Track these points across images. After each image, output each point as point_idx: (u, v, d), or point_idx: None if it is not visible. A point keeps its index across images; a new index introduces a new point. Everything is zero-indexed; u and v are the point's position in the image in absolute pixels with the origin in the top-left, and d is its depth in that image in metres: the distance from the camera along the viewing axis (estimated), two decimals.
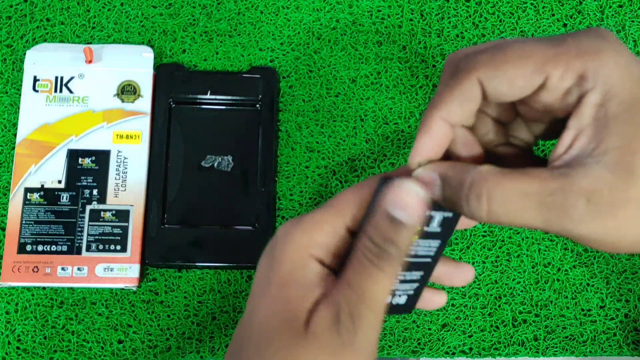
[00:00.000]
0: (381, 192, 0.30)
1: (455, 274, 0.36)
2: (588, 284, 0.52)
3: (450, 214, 0.34)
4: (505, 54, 0.29)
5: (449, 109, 0.30)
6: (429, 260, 0.35)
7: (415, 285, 0.35)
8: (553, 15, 0.55)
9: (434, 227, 0.33)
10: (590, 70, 0.28)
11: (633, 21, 0.55)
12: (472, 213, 0.29)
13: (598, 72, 0.27)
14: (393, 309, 0.35)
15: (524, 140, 0.34)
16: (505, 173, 0.28)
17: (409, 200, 0.29)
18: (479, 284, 0.51)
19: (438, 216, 0.33)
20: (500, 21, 0.55)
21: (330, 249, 0.31)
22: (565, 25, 0.55)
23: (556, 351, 0.50)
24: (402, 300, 0.35)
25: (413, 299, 0.36)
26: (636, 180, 0.27)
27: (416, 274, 0.35)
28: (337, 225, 0.31)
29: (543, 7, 0.55)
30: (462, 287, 0.51)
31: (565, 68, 0.28)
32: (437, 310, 0.51)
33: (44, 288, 0.50)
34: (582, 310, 0.51)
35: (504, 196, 0.28)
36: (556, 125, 0.30)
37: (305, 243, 0.31)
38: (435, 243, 0.34)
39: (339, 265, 0.31)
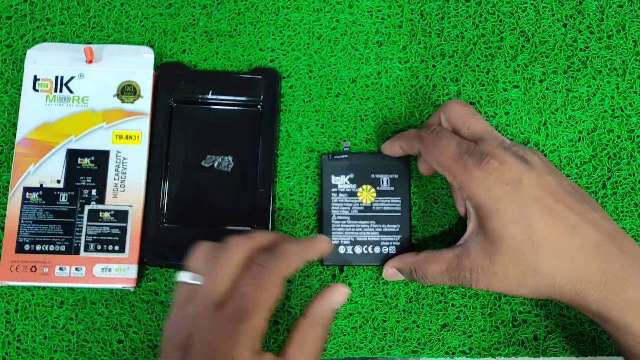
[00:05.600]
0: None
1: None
2: None
3: (395, 175, 0.50)
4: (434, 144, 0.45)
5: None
6: (398, 214, 0.50)
7: (398, 237, 0.50)
8: (553, 15, 0.55)
9: (385, 186, 0.50)
10: (463, 185, 0.42)
11: (633, 21, 0.55)
12: (423, 283, 0.46)
13: (468, 189, 0.42)
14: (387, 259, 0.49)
15: None
16: (429, 258, 0.45)
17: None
18: None
19: (385, 178, 0.50)
20: (500, 21, 0.55)
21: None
22: (565, 25, 0.55)
23: (556, 351, 0.50)
24: (392, 250, 0.49)
25: (403, 248, 0.50)
26: (495, 263, 0.41)
27: (393, 227, 0.50)
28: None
29: (543, 7, 0.55)
30: (462, 288, 0.51)
31: (452, 178, 0.43)
32: (437, 310, 0.50)
33: (43, 288, 0.50)
34: None
35: (432, 274, 0.45)
36: None
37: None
38: (395, 199, 0.50)
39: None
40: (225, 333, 0.37)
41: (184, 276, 0.41)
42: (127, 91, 0.51)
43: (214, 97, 0.52)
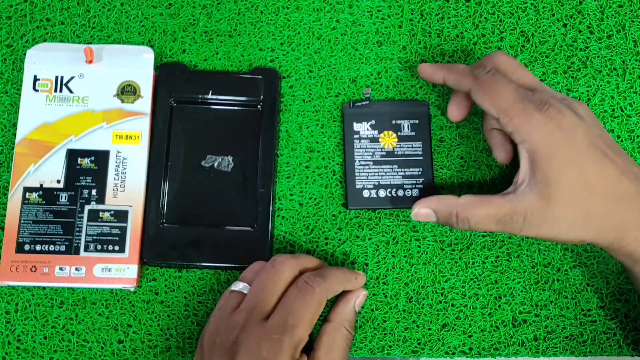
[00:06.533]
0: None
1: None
2: (588, 284, 0.51)
3: (416, 120, 0.52)
4: (490, 87, 0.45)
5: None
6: (420, 157, 0.51)
7: (421, 180, 0.51)
8: (553, 15, 0.55)
9: (406, 131, 0.52)
10: (521, 128, 0.43)
11: (633, 21, 0.55)
12: (462, 228, 0.46)
13: (526, 132, 0.43)
14: (414, 202, 0.48)
15: None
16: (476, 203, 0.45)
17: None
18: (479, 284, 0.51)
19: (405, 123, 0.52)
20: (500, 21, 0.55)
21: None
22: (565, 25, 0.55)
23: (556, 351, 0.50)
24: (415, 193, 0.51)
25: (426, 191, 0.51)
26: (550, 206, 0.42)
27: (415, 170, 0.51)
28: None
29: (543, 7, 0.55)
30: (462, 288, 0.51)
31: (508, 120, 0.44)
32: (437, 310, 0.50)
33: (44, 288, 0.50)
34: (582, 310, 0.51)
35: (477, 218, 0.45)
36: None
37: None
38: (417, 144, 0.51)
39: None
40: (272, 342, 0.41)
41: (236, 285, 0.45)
42: (127, 91, 0.51)
43: (214, 97, 0.52)
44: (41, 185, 0.49)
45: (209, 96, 0.52)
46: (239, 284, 0.46)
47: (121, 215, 0.49)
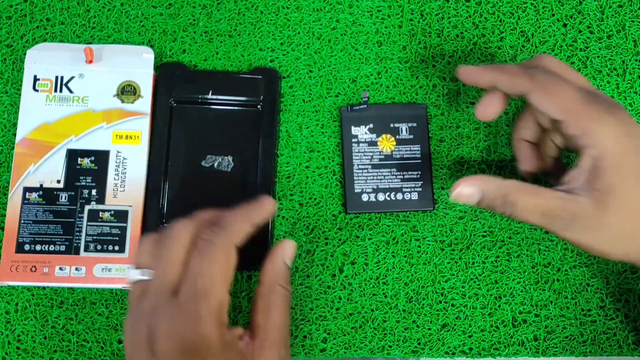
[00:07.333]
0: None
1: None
2: (588, 284, 0.51)
3: (414, 124, 0.52)
4: (553, 86, 0.41)
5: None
6: (418, 161, 0.51)
7: (420, 182, 0.51)
8: (553, 15, 0.55)
9: (405, 135, 0.51)
10: (590, 131, 0.39)
11: (633, 21, 0.55)
12: (503, 212, 0.41)
13: (595, 136, 0.39)
14: (413, 205, 0.51)
15: (559, 148, 0.48)
16: (527, 189, 0.41)
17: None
18: (479, 284, 0.51)
19: (403, 126, 0.52)
20: (500, 21, 0.55)
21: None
22: (565, 25, 0.55)
23: (556, 351, 0.50)
24: (415, 196, 0.51)
25: (424, 194, 0.51)
26: (605, 216, 0.39)
27: (414, 173, 0.51)
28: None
29: (543, 7, 0.55)
30: (462, 288, 0.51)
31: (575, 122, 0.40)
32: (437, 310, 0.50)
33: (44, 288, 0.50)
34: (582, 310, 0.51)
35: (526, 205, 0.40)
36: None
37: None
38: (415, 147, 0.51)
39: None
40: (188, 316, 0.36)
41: (133, 274, 0.40)
42: (127, 91, 0.51)
43: (214, 97, 0.52)
44: (41, 185, 0.49)
45: (209, 96, 0.52)
46: (135, 272, 0.40)
47: (121, 215, 0.49)
